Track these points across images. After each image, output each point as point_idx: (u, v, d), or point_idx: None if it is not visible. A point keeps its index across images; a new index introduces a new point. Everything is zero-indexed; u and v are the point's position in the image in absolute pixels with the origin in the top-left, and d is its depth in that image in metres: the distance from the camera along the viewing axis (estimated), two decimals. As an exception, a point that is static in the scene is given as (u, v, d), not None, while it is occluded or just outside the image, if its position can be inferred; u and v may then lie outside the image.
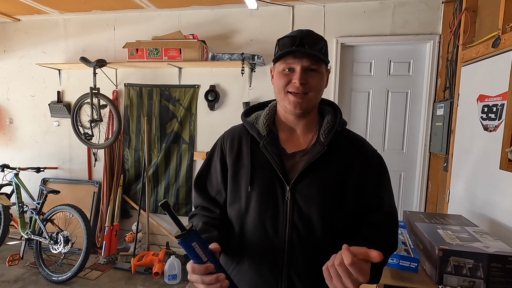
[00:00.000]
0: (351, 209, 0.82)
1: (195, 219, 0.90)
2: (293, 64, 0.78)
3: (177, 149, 3.00)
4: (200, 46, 2.66)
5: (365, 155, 0.84)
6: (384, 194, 0.83)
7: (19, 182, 2.83)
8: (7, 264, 2.63)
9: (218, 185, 0.90)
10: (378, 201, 0.82)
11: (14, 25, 3.31)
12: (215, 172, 0.91)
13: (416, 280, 1.21)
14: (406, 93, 2.61)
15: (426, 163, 2.55)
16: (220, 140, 0.93)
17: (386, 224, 0.82)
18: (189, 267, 0.66)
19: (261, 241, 0.81)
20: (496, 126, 1.57)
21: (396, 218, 0.85)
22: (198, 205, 0.94)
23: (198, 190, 0.93)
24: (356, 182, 0.81)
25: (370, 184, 0.82)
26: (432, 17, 2.46)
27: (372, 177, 0.83)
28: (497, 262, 1.12)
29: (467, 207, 1.81)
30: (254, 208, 0.81)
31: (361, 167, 0.82)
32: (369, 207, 0.82)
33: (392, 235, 0.83)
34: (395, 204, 0.86)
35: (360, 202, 0.82)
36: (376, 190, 0.82)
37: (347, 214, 0.81)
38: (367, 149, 0.86)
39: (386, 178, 0.85)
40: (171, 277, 2.54)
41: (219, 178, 0.89)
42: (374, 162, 0.84)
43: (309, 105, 0.81)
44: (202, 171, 0.95)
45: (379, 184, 0.83)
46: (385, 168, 0.86)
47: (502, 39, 1.54)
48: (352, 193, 0.81)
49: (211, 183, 0.92)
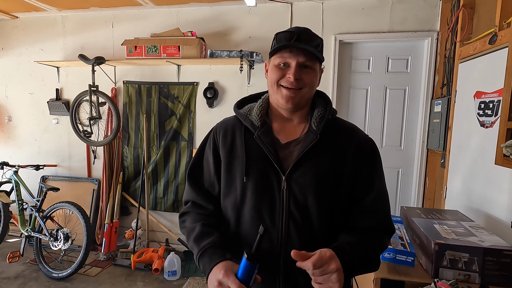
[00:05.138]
0: (346, 196, 0.83)
1: (189, 218, 0.90)
2: (288, 58, 0.79)
3: (176, 146, 3.01)
4: (198, 43, 2.66)
5: (358, 142, 0.85)
6: (376, 178, 0.85)
7: (18, 179, 2.84)
8: (7, 261, 2.64)
9: (211, 177, 0.90)
10: (370, 186, 0.84)
11: (12, 22, 3.30)
12: (207, 164, 0.91)
13: (413, 274, 1.23)
14: (404, 90, 2.62)
15: (423, 160, 2.56)
16: (213, 132, 0.93)
17: (378, 208, 0.84)
18: (231, 279, 0.69)
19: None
20: (492, 122, 1.58)
21: (386, 201, 0.86)
22: (189, 199, 0.93)
23: (192, 182, 0.93)
24: (351, 168, 0.82)
25: (365, 171, 0.84)
26: (430, 14, 2.47)
27: (366, 163, 0.84)
28: (492, 256, 1.14)
29: (464, 203, 1.83)
30: (250, 198, 0.82)
31: (355, 154, 0.83)
32: (362, 192, 0.84)
33: (385, 220, 0.85)
34: (387, 190, 0.88)
35: (354, 189, 0.84)
36: (369, 175, 0.84)
37: (342, 201, 0.83)
38: (359, 136, 0.87)
39: (378, 163, 0.87)
40: (171, 273, 2.56)
41: (212, 170, 0.90)
42: (367, 148, 0.86)
43: (301, 100, 0.82)
44: (194, 163, 0.95)
45: (372, 170, 0.85)
46: (377, 153, 0.87)
47: (499, 36, 1.55)
48: (347, 180, 0.82)
49: (203, 175, 0.92)
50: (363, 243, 0.79)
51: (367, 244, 0.80)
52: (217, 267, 0.74)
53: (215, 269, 0.74)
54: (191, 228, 0.86)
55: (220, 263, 0.75)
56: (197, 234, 0.84)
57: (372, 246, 0.81)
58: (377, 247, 0.82)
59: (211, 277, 0.75)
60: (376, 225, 0.82)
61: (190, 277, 2.61)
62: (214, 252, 0.79)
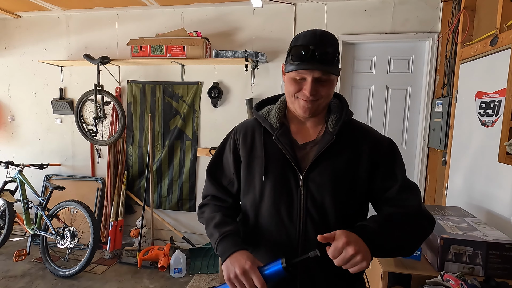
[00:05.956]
0: (363, 195, 0.86)
1: (208, 209, 0.94)
2: (304, 74, 0.80)
3: (180, 146, 3.04)
4: (204, 43, 2.69)
5: (373, 141, 0.88)
6: (397, 171, 0.86)
7: (23, 178, 2.85)
8: (14, 259, 2.66)
9: (231, 176, 0.94)
10: (392, 180, 0.85)
11: (15, 22, 3.30)
12: (227, 163, 0.95)
13: (419, 268, 1.28)
14: (405, 90, 2.67)
15: (424, 158, 2.62)
16: (233, 133, 0.97)
17: (405, 198, 0.83)
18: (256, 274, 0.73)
19: (277, 227, 0.85)
20: (493, 122, 1.63)
21: (414, 191, 0.85)
22: (208, 194, 0.98)
23: (211, 178, 0.97)
24: (367, 167, 0.85)
25: (383, 167, 0.86)
26: (432, 16, 2.52)
27: (383, 160, 0.86)
28: (495, 249, 1.19)
29: (465, 200, 1.88)
30: (268, 196, 0.86)
31: (371, 152, 0.86)
32: (385, 186, 0.85)
33: (415, 208, 0.82)
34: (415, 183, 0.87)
35: (376, 185, 0.86)
36: (389, 170, 0.86)
37: (359, 199, 0.86)
38: (374, 136, 0.90)
39: (398, 159, 0.88)
40: (177, 270, 2.60)
41: (232, 169, 0.94)
42: (384, 146, 0.88)
43: (318, 108, 0.86)
44: (213, 161, 0.99)
45: (392, 165, 0.86)
46: (396, 150, 0.89)
47: (499, 38, 1.60)
48: (363, 179, 0.85)
49: (223, 173, 0.96)
50: (390, 221, 0.80)
51: (395, 223, 0.80)
52: (241, 254, 0.77)
53: (238, 255, 0.77)
54: (211, 217, 0.90)
55: (243, 251, 0.79)
56: (218, 221, 0.87)
57: (402, 225, 0.79)
58: (409, 228, 0.80)
59: (232, 261, 0.77)
60: (402, 211, 0.82)
61: (196, 274, 2.65)
62: (236, 239, 0.83)
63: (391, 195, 0.84)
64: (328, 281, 0.84)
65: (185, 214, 3.12)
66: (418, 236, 0.82)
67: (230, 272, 0.75)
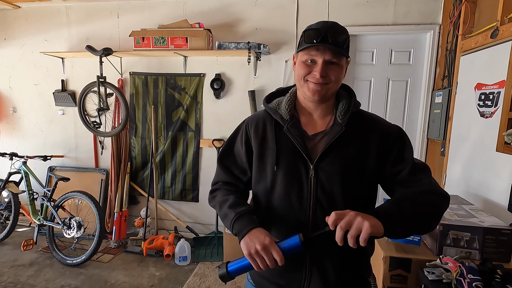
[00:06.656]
0: (371, 183, 0.90)
1: (220, 193, 0.98)
2: (315, 56, 0.83)
3: (183, 137, 3.07)
4: (206, 35, 2.69)
5: (381, 130, 0.90)
6: (406, 154, 0.88)
7: (27, 170, 2.88)
8: (22, 249, 2.71)
9: (243, 165, 0.98)
10: (403, 163, 0.87)
11: (15, 12, 3.27)
12: (239, 153, 0.99)
13: (418, 252, 1.34)
14: (406, 81, 2.71)
15: (424, 148, 2.68)
16: (244, 124, 1.01)
17: (416, 179, 0.85)
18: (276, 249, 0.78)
19: (288, 214, 0.90)
20: (492, 113, 1.68)
21: (425, 172, 0.86)
22: (220, 180, 1.02)
23: (222, 165, 1.01)
24: (376, 157, 0.88)
25: (393, 153, 0.89)
26: (433, 8, 2.53)
27: (393, 147, 0.89)
28: (491, 234, 1.26)
29: (463, 189, 1.95)
30: (280, 185, 0.90)
31: (379, 141, 0.89)
32: (395, 171, 0.88)
33: (428, 186, 0.84)
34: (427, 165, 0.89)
35: (387, 171, 0.89)
36: (399, 155, 0.88)
37: (367, 188, 0.90)
38: (382, 125, 0.92)
39: (407, 144, 0.90)
40: (182, 258, 2.67)
41: (244, 159, 0.98)
42: (392, 133, 0.90)
43: (327, 93, 0.88)
44: (224, 150, 1.03)
45: (402, 150, 0.89)
46: (405, 135, 0.91)
47: (500, 30, 1.64)
48: (372, 168, 0.88)
49: (234, 163, 1.00)
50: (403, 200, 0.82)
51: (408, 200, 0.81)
52: (259, 231, 0.82)
53: (256, 232, 0.81)
54: (224, 199, 0.94)
55: (261, 228, 0.83)
56: (232, 202, 0.91)
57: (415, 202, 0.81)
58: (423, 204, 0.81)
59: (251, 237, 0.80)
60: (414, 191, 0.84)
61: (200, 262, 2.72)
62: (252, 217, 0.87)
63: (402, 177, 0.87)
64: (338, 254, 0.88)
65: (188, 204, 3.17)
66: (434, 212, 0.83)
67: (251, 248, 0.79)
